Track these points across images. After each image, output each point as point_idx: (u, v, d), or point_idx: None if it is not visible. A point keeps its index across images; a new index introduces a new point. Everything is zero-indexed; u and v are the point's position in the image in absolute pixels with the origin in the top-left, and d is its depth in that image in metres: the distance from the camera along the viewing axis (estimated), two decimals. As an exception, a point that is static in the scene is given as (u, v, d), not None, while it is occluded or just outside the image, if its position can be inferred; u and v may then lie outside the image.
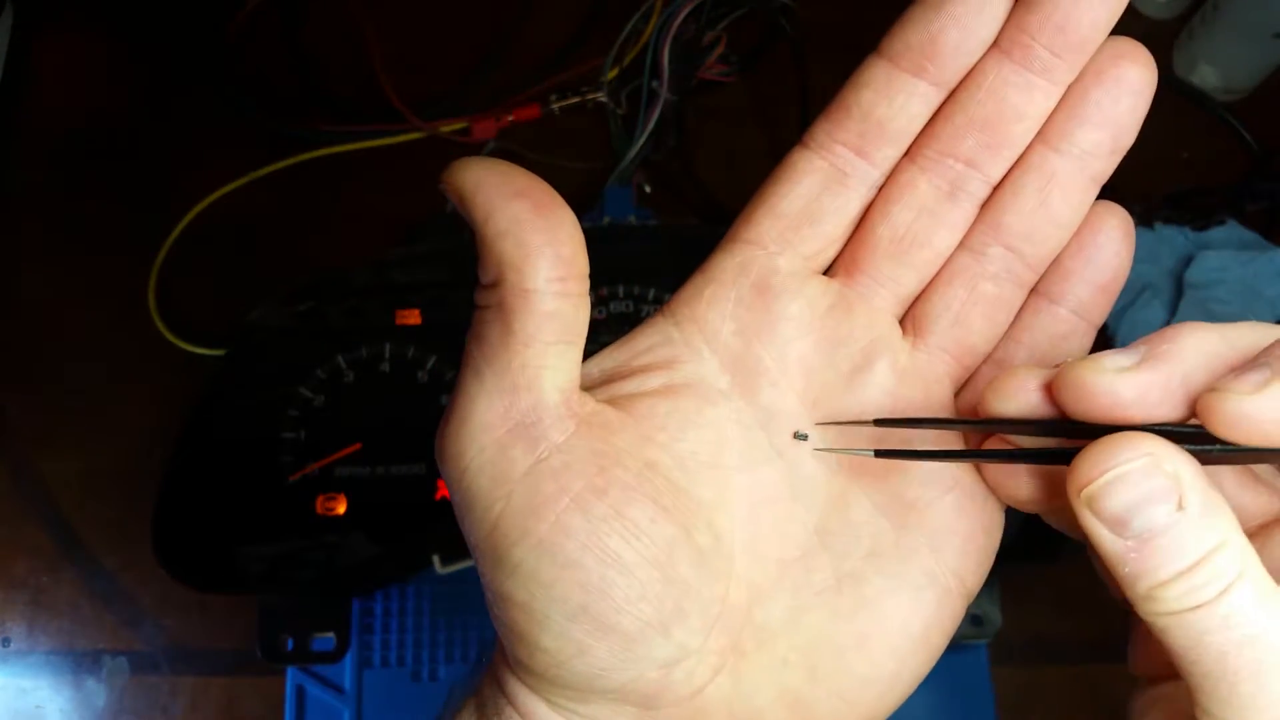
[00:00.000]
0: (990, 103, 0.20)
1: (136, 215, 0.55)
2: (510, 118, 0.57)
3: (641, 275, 0.48)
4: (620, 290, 0.48)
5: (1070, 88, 0.20)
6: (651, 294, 0.48)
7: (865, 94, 0.21)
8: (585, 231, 0.21)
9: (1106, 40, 0.20)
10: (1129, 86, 0.20)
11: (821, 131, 0.21)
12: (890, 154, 0.21)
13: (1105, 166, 0.21)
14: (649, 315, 0.47)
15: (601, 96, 0.57)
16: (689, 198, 0.56)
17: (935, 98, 0.21)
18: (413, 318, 0.47)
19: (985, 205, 0.21)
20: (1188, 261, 0.53)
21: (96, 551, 0.49)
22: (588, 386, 0.21)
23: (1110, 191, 0.21)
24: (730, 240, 0.22)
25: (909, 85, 0.20)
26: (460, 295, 0.48)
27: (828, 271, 0.22)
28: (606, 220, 0.52)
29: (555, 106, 0.57)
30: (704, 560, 0.20)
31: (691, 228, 0.53)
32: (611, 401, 0.21)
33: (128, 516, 0.49)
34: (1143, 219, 0.54)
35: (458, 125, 0.57)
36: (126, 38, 0.59)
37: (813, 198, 0.21)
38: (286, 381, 0.46)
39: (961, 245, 0.21)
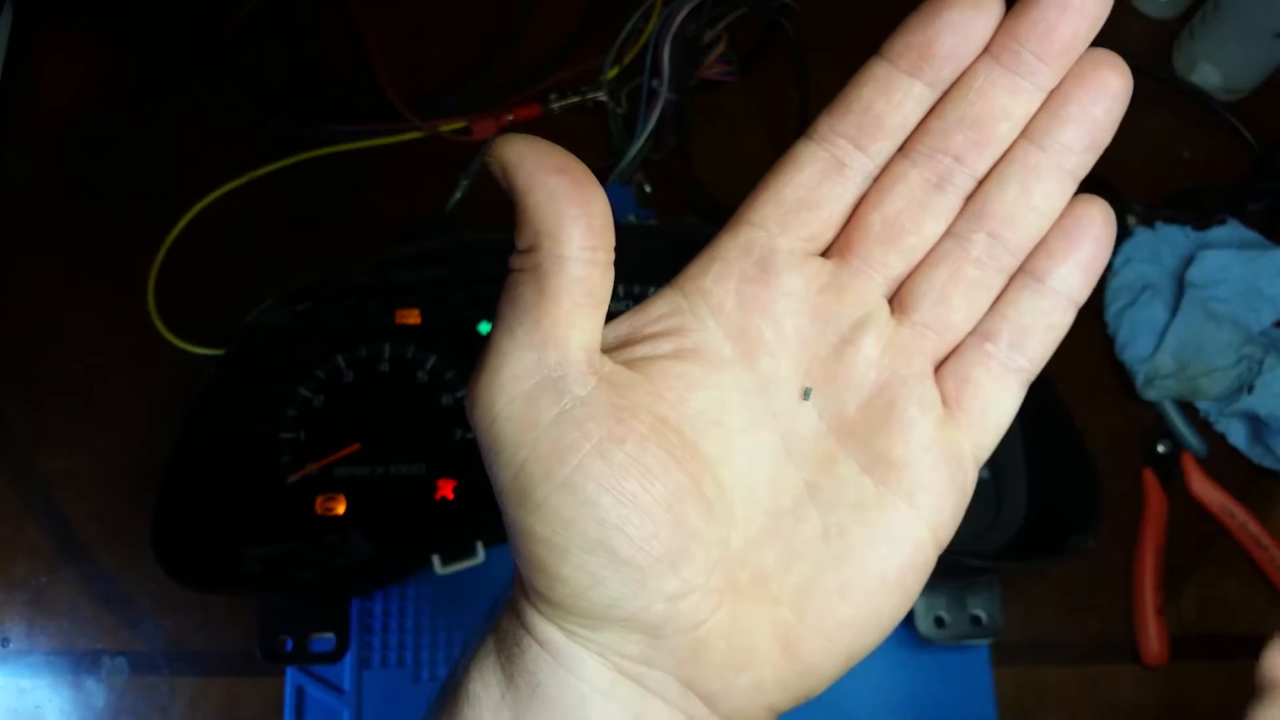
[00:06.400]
0: (980, 103, 0.22)
1: (136, 215, 0.55)
2: (510, 117, 0.57)
3: (641, 275, 0.48)
4: (620, 290, 0.48)
5: (1053, 91, 0.22)
6: (652, 293, 0.48)
7: (865, 91, 0.23)
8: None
9: (1088, 50, 0.22)
10: (1107, 90, 0.22)
11: (824, 125, 0.23)
12: (886, 147, 0.23)
13: (1083, 162, 0.23)
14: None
15: (601, 96, 0.57)
16: (689, 198, 0.56)
17: (929, 97, 0.23)
18: (412, 318, 0.47)
19: (971, 196, 0.23)
20: (1189, 261, 0.53)
21: (96, 552, 0.49)
22: (605, 349, 0.23)
23: (1112, 191, 0.22)
24: (735, 222, 0.24)
25: (906, 84, 0.22)
26: (460, 295, 0.48)
27: (824, 253, 0.24)
28: (606, 220, 0.52)
29: (555, 106, 0.57)
30: (709, 508, 0.22)
31: (691, 227, 0.53)
32: (626, 364, 0.23)
33: (128, 516, 0.49)
34: (1144, 218, 0.54)
35: (458, 125, 0.57)
36: (126, 37, 0.59)
37: (813, 186, 0.23)
38: (286, 381, 0.46)
39: (947, 232, 0.23)
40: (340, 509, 0.44)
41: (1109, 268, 0.51)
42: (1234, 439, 0.53)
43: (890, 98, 0.22)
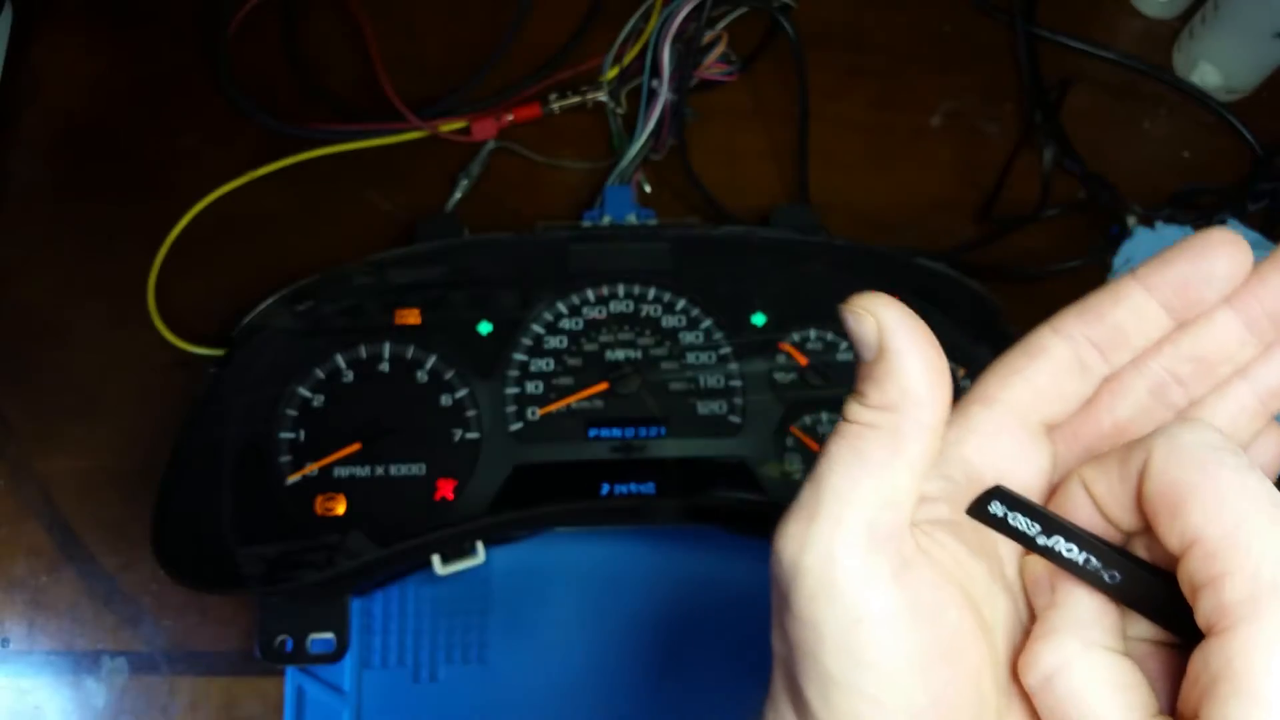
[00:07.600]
0: (1212, 345, 0.25)
1: (136, 215, 0.55)
2: (510, 118, 0.57)
3: (641, 275, 0.48)
4: (620, 290, 0.48)
5: (1270, 343, 0.26)
6: (651, 294, 0.48)
7: (1120, 311, 0.26)
8: (585, 231, 0.21)
9: None
10: None
11: (1073, 324, 0.26)
12: (1123, 358, 0.26)
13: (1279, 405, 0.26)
14: (645, 314, 0.47)
15: (601, 96, 0.57)
16: (689, 198, 0.56)
17: (1169, 325, 0.26)
18: (412, 317, 0.47)
19: (1183, 411, 0.26)
20: (1188, 261, 0.53)
21: (96, 552, 0.49)
22: None
23: (1112, 191, 0.22)
24: (986, 399, 0.26)
25: (1155, 313, 0.25)
26: (460, 295, 0.48)
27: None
28: (606, 220, 0.52)
29: (555, 106, 0.57)
30: (995, 673, 0.23)
31: (691, 227, 0.53)
32: (914, 524, 0.24)
33: (128, 516, 0.49)
34: (1144, 218, 0.54)
35: (458, 125, 0.57)
36: (126, 37, 0.59)
37: (1058, 376, 0.26)
38: (286, 381, 0.46)
39: None
40: (340, 509, 0.44)
41: (1109, 268, 0.51)
42: (1234, 439, 0.53)
43: (1141, 324, 0.25)
